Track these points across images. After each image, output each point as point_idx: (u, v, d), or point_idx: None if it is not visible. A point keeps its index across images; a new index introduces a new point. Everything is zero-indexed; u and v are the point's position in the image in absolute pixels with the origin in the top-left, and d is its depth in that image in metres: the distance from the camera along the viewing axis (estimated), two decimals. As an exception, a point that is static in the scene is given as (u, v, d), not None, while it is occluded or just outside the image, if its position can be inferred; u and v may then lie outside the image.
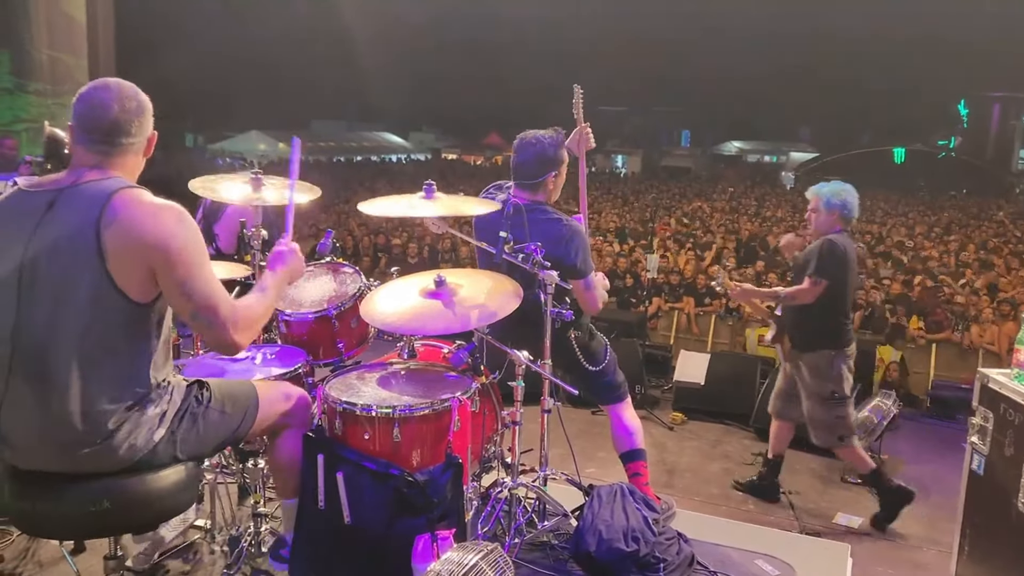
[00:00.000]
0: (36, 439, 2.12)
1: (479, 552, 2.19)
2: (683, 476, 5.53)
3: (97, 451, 2.11)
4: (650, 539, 3.00)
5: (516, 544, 3.10)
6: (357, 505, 2.63)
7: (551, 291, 3.10)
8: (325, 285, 3.38)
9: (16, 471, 2.19)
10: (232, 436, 2.46)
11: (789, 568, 3.17)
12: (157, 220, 2.08)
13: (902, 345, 8.81)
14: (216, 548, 3.22)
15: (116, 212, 2.05)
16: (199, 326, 2.16)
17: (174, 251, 2.07)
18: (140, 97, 2.21)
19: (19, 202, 2.15)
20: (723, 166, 48.83)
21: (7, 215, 2.14)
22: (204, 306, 2.12)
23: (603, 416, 6.27)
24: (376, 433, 2.68)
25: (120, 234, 2.04)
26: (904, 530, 4.63)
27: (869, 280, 10.83)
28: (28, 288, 2.06)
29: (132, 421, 2.15)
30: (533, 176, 3.42)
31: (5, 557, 3.13)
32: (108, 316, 2.07)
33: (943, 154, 45.64)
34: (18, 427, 2.12)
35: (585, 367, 3.46)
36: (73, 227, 2.05)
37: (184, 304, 2.11)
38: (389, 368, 3.07)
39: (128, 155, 2.20)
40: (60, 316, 2.06)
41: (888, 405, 5.41)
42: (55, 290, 2.05)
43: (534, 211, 3.36)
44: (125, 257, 2.05)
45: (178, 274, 2.08)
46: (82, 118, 2.16)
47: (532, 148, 3.41)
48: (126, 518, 2.25)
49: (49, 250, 2.05)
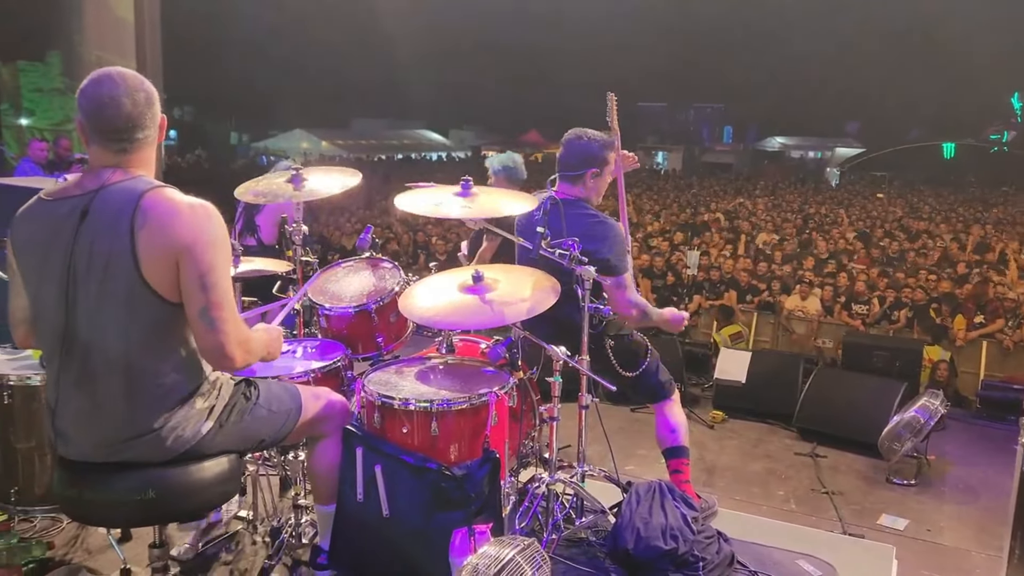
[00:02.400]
0: (88, 435, 2.18)
1: (516, 547, 2.19)
2: (723, 475, 5.47)
3: (146, 442, 2.17)
4: (689, 537, 2.97)
5: (553, 540, 3.10)
6: (395, 499, 2.65)
7: (588, 287, 3.08)
8: (365, 280, 3.40)
9: (66, 461, 2.26)
10: (274, 436, 2.49)
11: (831, 569, 3.11)
12: (187, 218, 2.08)
13: (949, 345, 8.61)
14: (258, 539, 3.26)
15: (147, 214, 2.05)
16: (202, 327, 2.10)
17: (199, 245, 2.07)
18: (146, 86, 2.15)
19: (48, 214, 2.14)
20: (766, 162, 48.12)
21: (40, 229, 2.14)
22: (216, 304, 2.09)
23: (642, 413, 6.30)
24: (414, 427, 2.70)
25: (152, 235, 2.05)
26: (952, 533, 4.53)
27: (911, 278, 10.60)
28: (74, 295, 2.09)
29: (180, 414, 2.20)
30: (573, 168, 3.43)
31: (56, 544, 3.22)
32: (146, 316, 2.10)
33: (995, 149, 44.41)
34: (72, 424, 2.18)
35: (623, 375, 3.45)
36: (108, 232, 2.06)
37: (198, 298, 2.08)
38: (427, 363, 3.09)
39: (145, 149, 2.18)
40: (102, 318, 2.09)
41: (935, 405, 5.28)
42: (96, 294, 2.08)
43: (572, 205, 3.36)
44: (157, 258, 2.06)
45: (201, 267, 2.07)
46: (94, 117, 2.11)
47: (577, 142, 3.45)
48: (170, 507, 2.29)
49: (88, 257, 2.07)
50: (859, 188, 30.41)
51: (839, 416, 6.04)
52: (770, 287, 10.16)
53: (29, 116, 16.36)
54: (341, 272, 3.46)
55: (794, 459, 5.71)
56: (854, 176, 38.57)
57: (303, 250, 3.39)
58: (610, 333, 3.44)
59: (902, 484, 5.31)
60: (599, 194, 3.55)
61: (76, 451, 2.22)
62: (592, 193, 3.51)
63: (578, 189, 3.45)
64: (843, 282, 10.19)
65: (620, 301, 3.40)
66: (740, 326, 9.24)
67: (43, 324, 2.19)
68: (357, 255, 3.57)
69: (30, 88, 16.32)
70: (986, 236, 15.38)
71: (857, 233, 15.02)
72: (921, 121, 47.40)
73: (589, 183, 3.47)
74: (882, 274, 10.86)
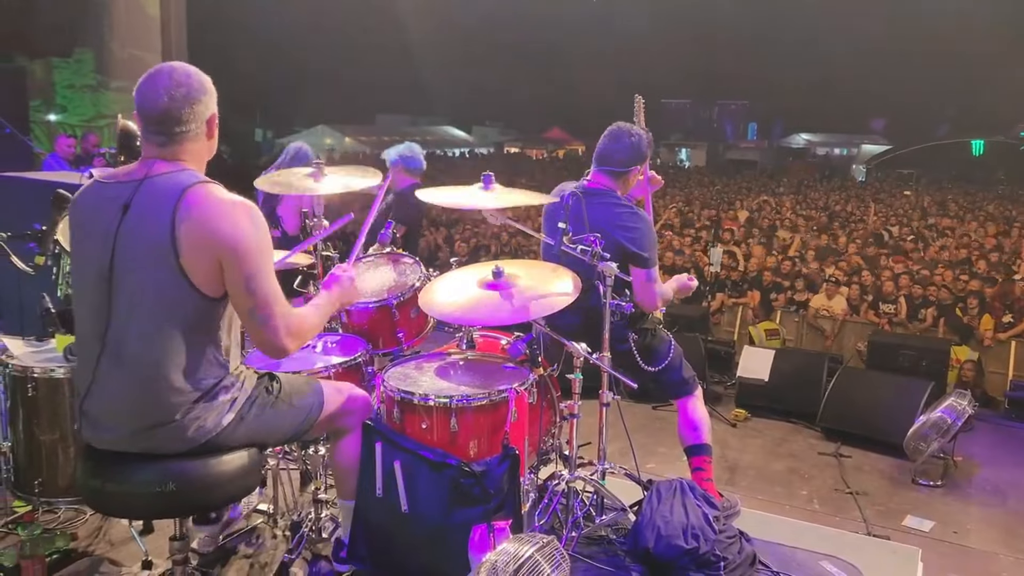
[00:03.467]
0: (115, 420, 2.21)
1: (535, 544, 2.17)
2: (746, 474, 5.42)
3: (168, 431, 2.19)
4: (710, 537, 2.93)
5: (573, 537, 3.07)
6: (414, 494, 2.65)
7: (610, 283, 3.06)
8: (386, 275, 3.40)
9: (90, 451, 2.29)
10: (295, 431, 2.50)
11: (856, 570, 3.06)
12: (230, 217, 2.12)
13: (977, 345, 8.46)
14: (278, 533, 3.27)
15: (190, 208, 2.09)
16: (254, 324, 2.18)
17: (243, 248, 2.11)
18: (191, 82, 2.18)
19: (98, 196, 2.21)
20: (791, 159, 47.64)
21: (90, 211, 2.21)
22: (263, 304, 2.15)
23: (664, 411, 6.26)
24: (433, 423, 2.69)
25: (193, 230, 2.08)
26: (979, 536, 4.46)
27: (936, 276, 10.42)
28: (114, 280, 2.14)
29: (203, 405, 2.22)
30: (620, 164, 3.42)
31: (79, 535, 3.25)
32: (181, 308, 2.14)
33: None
34: (101, 409, 2.22)
35: (646, 370, 3.41)
36: (150, 223, 2.10)
37: (245, 300, 2.15)
38: (447, 358, 3.08)
39: (187, 142, 2.21)
40: (139, 307, 2.13)
41: (963, 405, 5.20)
42: (137, 281, 2.13)
43: (602, 196, 3.34)
44: (197, 252, 2.09)
45: (245, 270, 2.12)
46: (139, 108, 2.19)
47: (628, 138, 3.43)
48: (190, 500, 2.30)
49: (130, 245, 2.12)
50: (886, 186, 30.02)
51: (864, 416, 5.96)
52: (793, 285, 10.04)
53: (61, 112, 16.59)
54: (362, 267, 3.46)
55: (818, 459, 5.65)
56: (881, 173, 38.08)
57: (324, 245, 3.39)
58: (634, 327, 3.41)
59: (928, 485, 5.24)
60: (629, 189, 3.53)
61: (101, 437, 2.25)
62: (626, 188, 3.49)
63: (617, 184, 3.44)
64: (868, 280, 10.05)
65: (649, 296, 3.37)
66: (776, 323, 9.18)
67: (83, 304, 2.24)
68: (378, 250, 3.57)
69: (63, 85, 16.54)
70: (1015, 234, 15.10)
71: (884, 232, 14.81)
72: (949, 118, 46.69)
73: (631, 179, 3.48)
74: (907, 272, 10.69)
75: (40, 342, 3.20)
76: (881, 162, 41.95)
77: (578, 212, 3.17)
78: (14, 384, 3.04)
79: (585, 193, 3.29)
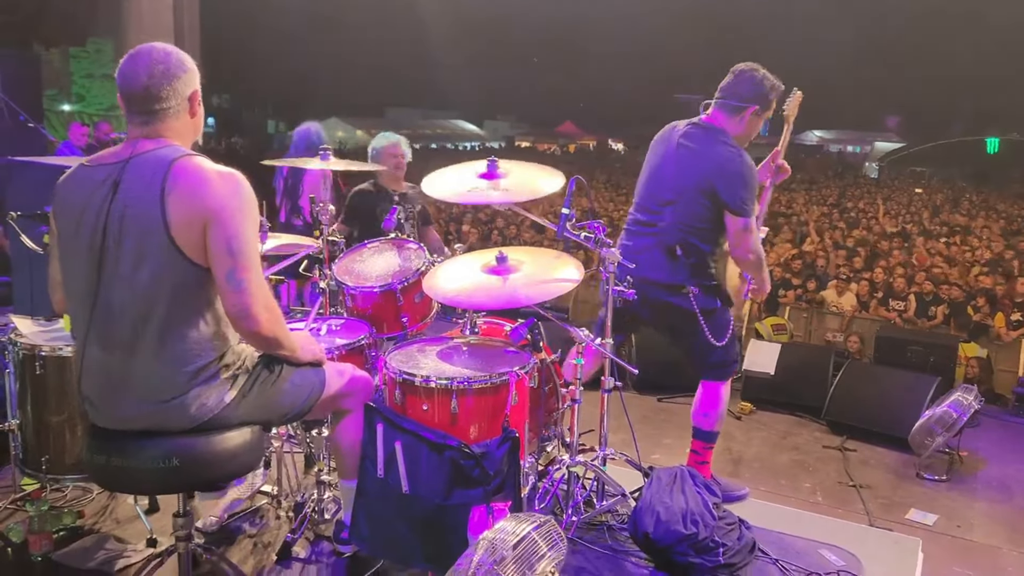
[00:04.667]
0: (112, 401, 2.24)
1: (532, 523, 2.19)
2: (750, 466, 5.42)
3: (169, 409, 2.21)
4: (710, 523, 2.95)
5: (573, 522, 3.10)
6: (415, 475, 2.67)
7: (613, 269, 3.07)
8: (390, 260, 3.43)
9: (95, 428, 2.32)
10: (297, 410, 2.52)
11: (855, 559, 3.07)
12: (215, 184, 2.15)
13: (987, 343, 8.42)
14: (282, 514, 3.31)
15: (177, 179, 2.12)
16: (229, 288, 2.16)
17: (228, 210, 2.13)
18: (170, 60, 2.21)
19: (85, 179, 2.23)
20: (803, 155, 47.44)
21: (77, 192, 2.23)
22: (242, 267, 2.15)
23: (669, 403, 6.27)
24: (434, 404, 2.71)
25: (181, 200, 2.11)
26: (983, 530, 4.44)
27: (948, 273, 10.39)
28: (105, 261, 2.16)
29: (204, 383, 2.24)
30: (739, 98, 3.34)
31: (86, 513, 3.29)
32: (176, 280, 2.16)
33: (1041, 145, 43.28)
34: (98, 388, 2.24)
35: (708, 340, 3.36)
36: (140, 197, 2.13)
37: (225, 260, 2.14)
38: (450, 342, 3.10)
39: (169, 119, 2.23)
40: (134, 283, 2.15)
41: (968, 400, 5.17)
42: (129, 258, 2.14)
43: (715, 133, 3.29)
44: (186, 221, 2.12)
45: (228, 231, 2.13)
46: (121, 89, 2.22)
47: (752, 74, 3.39)
48: (194, 476, 2.33)
49: (122, 221, 2.14)
50: (899, 183, 29.86)
51: (870, 410, 5.94)
52: (805, 284, 10.02)
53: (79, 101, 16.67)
54: (367, 252, 3.49)
55: (823, 452, 5.63)
56: (894, 171, 37.88)
57: (330, 229, 3.42)
58: (698, 278, 3.36)
59: (933, 480, 5.22)
60: (747, 138, 3.44)
61: (102, 417, 2.27)
62: (742, 130, 3.40)
63: (732, 122, 3.36)
64: (880, 277, 10.02)
65: (743, 245, 3.29)
66: (783, 318, 9.17)
67: (73, 288, 2.26)
68: (383, 236, 3.60)
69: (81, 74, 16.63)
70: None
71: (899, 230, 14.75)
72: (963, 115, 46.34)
73: (747, 118, 3.39)
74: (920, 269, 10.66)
75: (49, 322, 3.24)
76: (894, 159, 41.71)
77: (693, 140, 3.12)
78: (23, 362, 3.08)
79: (693, 126, 3.22)
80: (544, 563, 2.10)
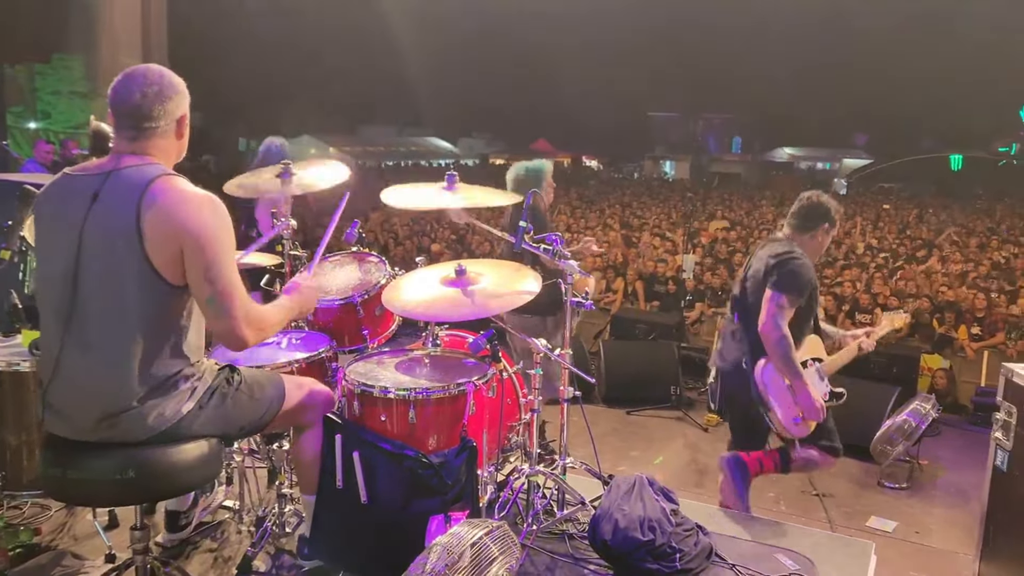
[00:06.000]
0: (78, 409, 2.25)
1: (485, 528, 2.22)
2: (715, 477, 5.46)
3: (128, 419, 2.22)
4: (667, 529, 2.98)
5: (533, 531, 3.12)
6: (373, 486, 2.69)
7: (571, 281, 3.12)
8: (351, 273, 3.45)
9: (51, 440, 2.32)
10: (256, 423, 2.54)
11: (809, 563, 3.12)
12: (192, 207, 2.19)
13: (951, 355, 8.58)
14: (243, 528, 3.30)
15: (155, 197, 2.16)
16: (213, 312, 2.22)
17: (204, 237, 2.17)
18: (163, 82, 2.29)
19: (66, 188, 2.27)
20: (774, 172, 48.09)
21: (58, 200, 2.27)
22: (223, 293, 2.20)
23: (637, 416, 6.32)
24: (393, 415, 2.74)
25: (158, 218, 2.15)
26: (940, 536, 4.54)
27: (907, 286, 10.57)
28: (79, 270, 2.19)
29: (163, 393, 2.26)
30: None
31: (43, 530, 3.26)
32: (146, 296, 2.19)
33: (1003, 162, 44.24)
34: (64, 398, 2.26)
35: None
36: (117, 211, 2.16)
37: (205, 288, 2.19)
38: (410, 354, 3.13)
39: (156, 138, 2.29)
40: (106, 294, 2.19)
41: (926, 408, 5.29)
42: (103, 270, 2.18)
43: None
44: (161, 240, 2.15)
45: (205, 258, 2.17)
46: (112, 105, 2.28)
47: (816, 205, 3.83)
48: (150, 488, 2.33)
49: (98, 233, 2.18)
50: (866, 199, 30.37)
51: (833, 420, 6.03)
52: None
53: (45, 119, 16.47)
54: (328, 266, 3.51)
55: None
56: (862, 187, 38.51)
57: (291, 244, 3.44)
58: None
59: (894, 488, 5.32)
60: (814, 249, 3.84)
61: (63, 427, 2.28)
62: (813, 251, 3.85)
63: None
64: (847, 291, 10.18)
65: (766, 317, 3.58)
66: None
67: (47, 294, 2.29)
68: (343, 249, 3.62)
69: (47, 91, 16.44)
70: (989, 248, 15.34)
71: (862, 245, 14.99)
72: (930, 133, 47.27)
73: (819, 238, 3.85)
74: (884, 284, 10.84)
75: (7, 337, 3.23)
76: (863, 176, 42.41)
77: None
78: (-21, 379, 3.06)
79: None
80: (496, 567, 2.13)
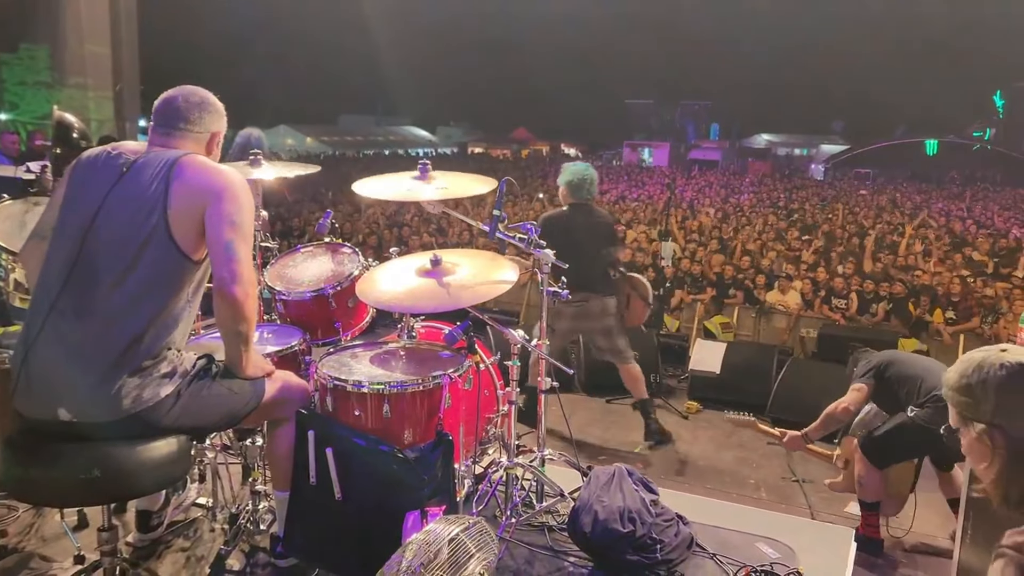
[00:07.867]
0: (54, 379, 2.20)
1: (462, 524, 2.18)
2: (695, 464, 5.48)
3: (104, 396, 2.18)
4: (647, 520, 2.96)
5: (512, 524, 3.09)
6: (347, 481, 2.63)
7: (547, 270, 3.08)
8: (323, 265, 3.38)
9: (14, 439, 2.24)
10: (232, 417, 2.49)
11: (790, 551, 3.11)
12: (220, 174, 2.34)
13: (927, 339, 8.64)
14: (216, 526, 3.23)
15: (183, 169, 2.30)
16: (227, 256, 2.27)
17: (231, 192, 2.31)
18: (207, 98, 2.49)
19: (102, 160, 2.38)
20: (752, 159, 48.33)
21: (90, 168, 2.38)
22: (242, 242, 2.30)
23: (618, 405, 6.29)
24: (367, 410, 2.68)
25: (184, 185, 2.28)
26: (920, 520, 4.54)
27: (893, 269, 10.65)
28: (94, 232, 2.26)
29: (144, 374, 2.25)
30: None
31: (10, 532, 3.18)
32: (154, 264, 2.25)
33: (977, 146, 44.73)
34: (44, 364, 2.21)
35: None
36: (144, 180, 2.29)
37: (228, 232, 2.27)
38: (385, 347, 3.07)
39: (188, 141, 2.43)
40: (113, 253, 2.24)
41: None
42: (117, 229, 2.25)
43: None
44: (185, 206, 2.26)
45: (232, 207, 2.30)
46: (155, 109, 2.46)
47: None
48: (116, 488, 2.27)
49: (123, 196, 2.28)
50: (843, 184, 30.61)
51: (812, 406, 6.01)
52: (754, 282, 10.18)
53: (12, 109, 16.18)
54: (300, 257, 3.44)
55: (766, 449, 5.71)
56: (839, 173, 38.81)
57: (262, 235, 3.36)
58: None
59: (872, 472, 5.32)
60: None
61: (34, 404, 2.22)
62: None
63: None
64: (822, 276, 10.22)
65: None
66: (730, 318, 9.32)
67: (56, 251, 2.31)
68: (316, 240, 3.55)
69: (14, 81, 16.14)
70: (963, 232, 15.49)
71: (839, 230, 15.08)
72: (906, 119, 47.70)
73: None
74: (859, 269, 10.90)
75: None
76: (839, 162, 42.72)
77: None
78: (-58, 377, 2.97)
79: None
80: (473, 564, 2.08)
